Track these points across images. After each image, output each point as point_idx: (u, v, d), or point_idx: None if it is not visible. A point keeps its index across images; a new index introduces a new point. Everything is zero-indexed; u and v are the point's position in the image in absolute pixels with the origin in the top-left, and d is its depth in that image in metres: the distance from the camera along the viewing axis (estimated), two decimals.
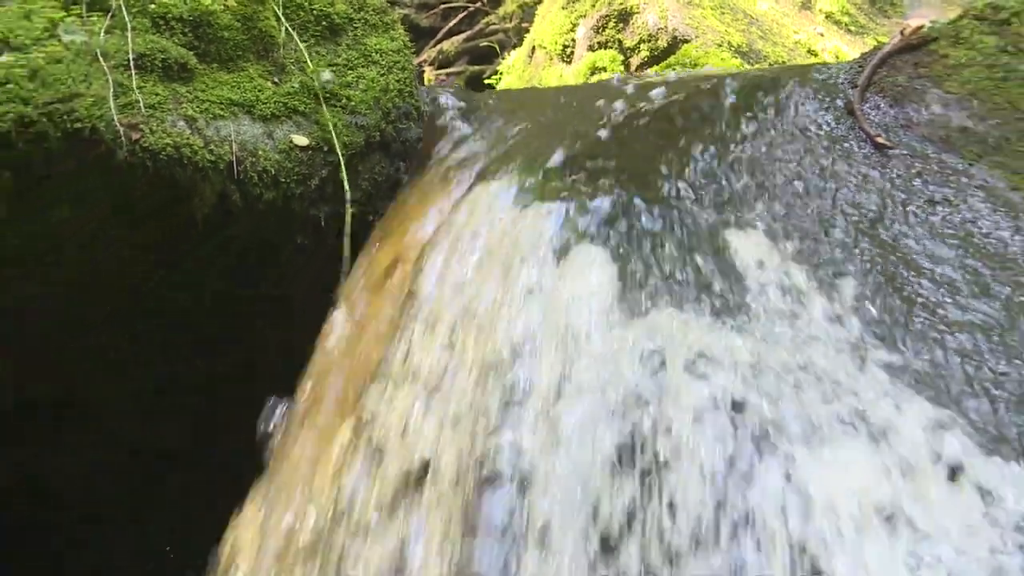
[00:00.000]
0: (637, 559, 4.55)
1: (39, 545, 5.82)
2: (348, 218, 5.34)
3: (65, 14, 5.20)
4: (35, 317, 5.33)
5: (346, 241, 5.30)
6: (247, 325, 5.44)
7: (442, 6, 8.15)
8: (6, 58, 5.06)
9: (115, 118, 5.02)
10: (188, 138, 5.15)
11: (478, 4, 8.15)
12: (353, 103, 5.43)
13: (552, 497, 4.70)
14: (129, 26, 5.21)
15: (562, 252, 5.06)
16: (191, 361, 5.50)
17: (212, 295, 5.36)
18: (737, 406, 4.73)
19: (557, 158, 5.51)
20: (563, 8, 6.99)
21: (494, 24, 7.99)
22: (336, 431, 5.12)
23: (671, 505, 4.59)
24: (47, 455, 5.64)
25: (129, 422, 5.61)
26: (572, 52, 6.87)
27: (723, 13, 6.46)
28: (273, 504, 5.17)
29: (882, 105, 5.56)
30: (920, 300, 5.09)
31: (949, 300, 5.12)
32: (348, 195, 5.35)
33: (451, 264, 5.16)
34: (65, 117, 5.02)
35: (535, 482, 4.76)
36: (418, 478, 4.83)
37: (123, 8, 5.23)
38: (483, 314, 4.97)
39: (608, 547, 4.60)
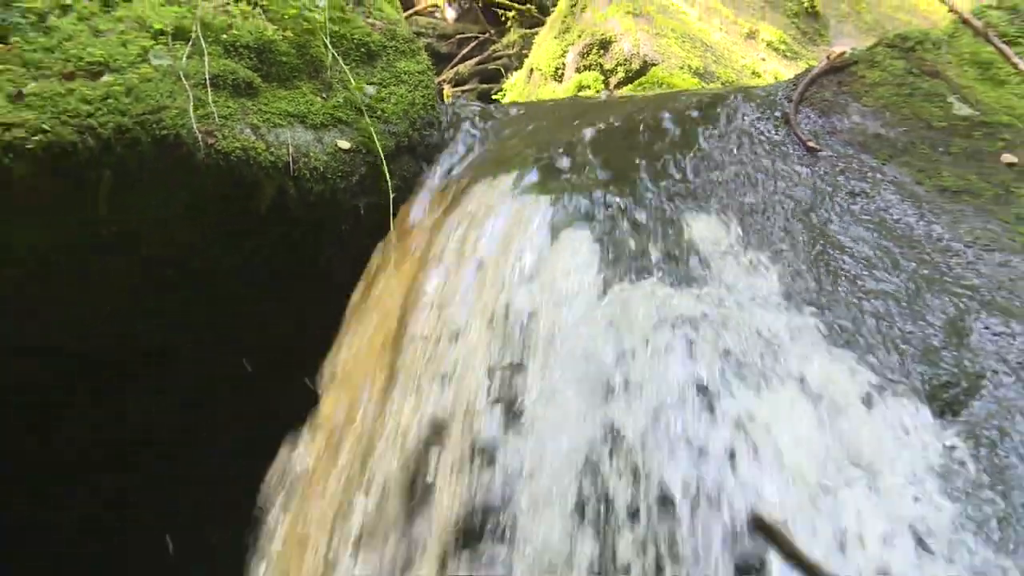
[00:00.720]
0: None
1: (153, 456, 5.80)
2: (390, 201, 5.35)
3: (154, 42, 5.20)
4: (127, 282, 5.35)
5: (390, 216, 5.32)
6: (299, 290, 5.45)
7: (457, 36, 8.17)
8: (107, 78, 5.10)
9: (194, 126, 5.05)
10: (253, 142, 5.20)
11: (487, 35, 8.14)
12: (387, 114, 5.47)
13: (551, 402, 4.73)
14: (205, 52, 5.24)
15: (554, 230, 5.10)
16: (258, 316, 5.51)
17: (271, 271, 5.37)
18: (684, 349, 4.75)
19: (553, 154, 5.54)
20: (555, 38, 7.00)
21: (500, 51, 8.00)
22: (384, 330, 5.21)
23: (638, 386, 4.68)
24: (152, 387, 5.65)
25: (208, 359, 5.63)
26: (563, 73, 6.88)
27: (684, 42, 6.48)
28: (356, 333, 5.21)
29: (812, 116, 5.60)
30: (843, 273, 5.12)
31: (866, 273, 5.14)
32: (390, 183, 5.36)
33: (466, 231, 5.21)
34: (154, 126, 5.08)
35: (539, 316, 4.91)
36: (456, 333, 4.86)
37: (200, 38, 5.24)
38: (490, 274, 5.01)
39: (607, 399, 4.67)
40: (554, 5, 8.64)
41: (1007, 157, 5.49)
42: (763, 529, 3.39)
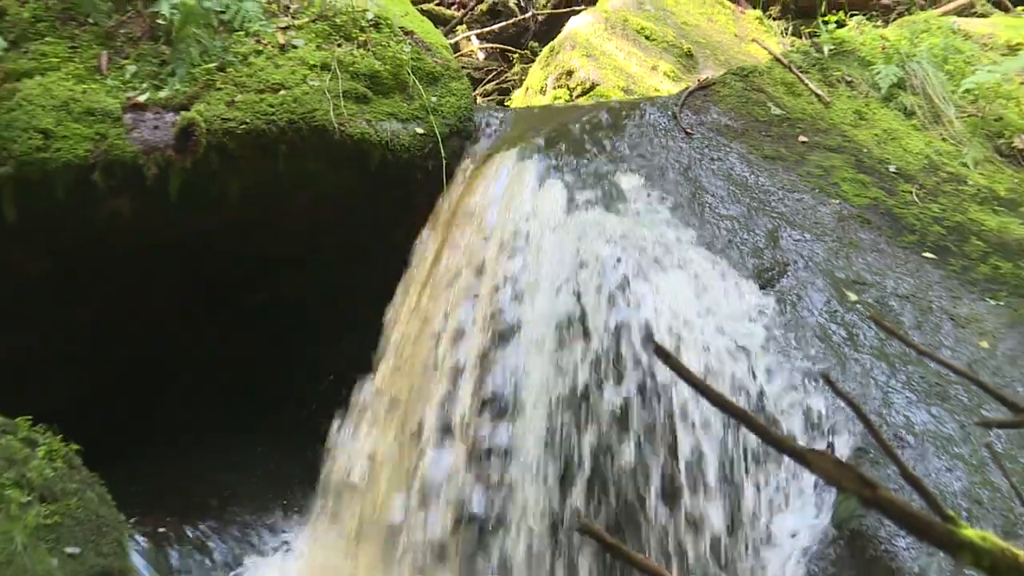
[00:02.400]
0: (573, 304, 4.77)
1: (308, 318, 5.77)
2: (444, 170, 5.41)
3: (310, 72, 5.15)
4: (281, 222, 5.48)
5: (443, 174, 5.36)
6: (394, 210, 5.49)
7: (485, 68, 8.17)
8: (283, 92, 5.07)
9: (333, 120, 5.05)
10: (366, 129, 5.20)
11: (502, 68, 8.17)
12: (443, 113, 5.46)
13: (533, 289, 4.91)
14: (339, 78, 5.21)
15: (539, 180, 5.22)
16: (373, 222, 5.53)
17: (381, 201, 5.44)
18: (616, 251, 4.88)
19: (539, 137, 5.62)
20: (541, 69, 7.02)
21: (509, 77, 8.01)
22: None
23: (588, 269, 4.84)
24: (287, 283, 5.66)
25: (323, 266, 5.67)
26: (545, 90, 6.91)
27: (615, 71, 6.49)
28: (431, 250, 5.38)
29: (689, 114, 5.61)
30: (706, 205, 5.14)
31: (720, 205, 5.18)
32: (444, 161, 5.43)
33: (491, 187, 5.33)
34: (310, 119, 5.06)
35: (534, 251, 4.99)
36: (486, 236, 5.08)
37: (336, 69, 5.26)
38: (506, 208, 5.15)
39: (569, 277, 4.85)
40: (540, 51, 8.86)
41: (801, 138, 5.59)
42: (659, 351, 3.54)
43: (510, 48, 8.41)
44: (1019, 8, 7.71)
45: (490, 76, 7.97)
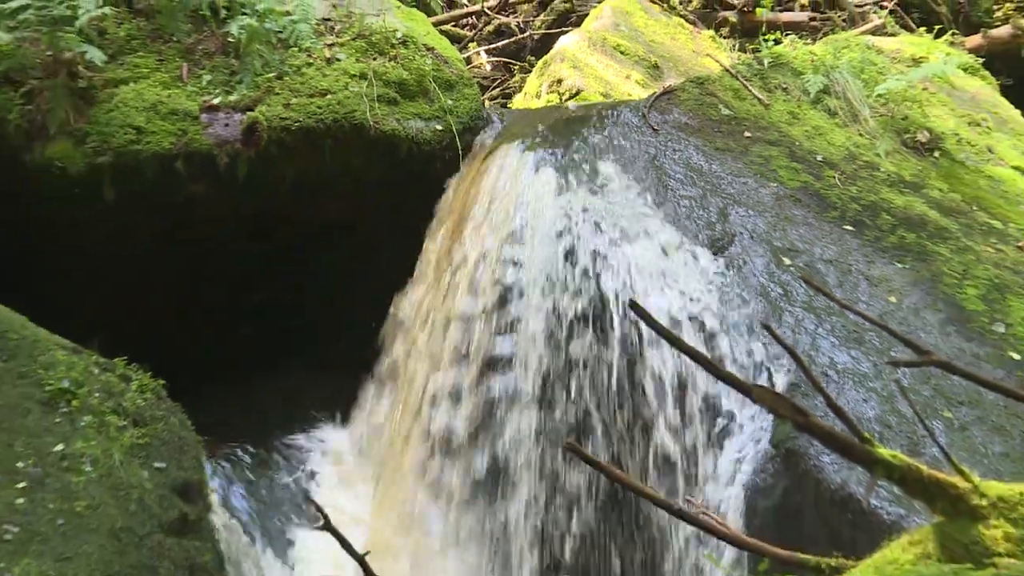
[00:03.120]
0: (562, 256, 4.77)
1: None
2: (460, 159, 5.38)
3: (351, 80, 5.11)
4: (325, 200, 5.35)
5: (459, 161, 5.33)
6: (417, 190, 5.42)
7: (491, 78, 8.15)
8: (328, 97, 5.04)
9: (370, 119, 5.04)
10: (396, 126, 5.18)
11: (505, 77, 8.13)
12: (458, 113, 5.38)
13: (530, 257, 4.89)
14: (374, 85, 5.19)
15: (536, 167, 5.21)
16: (399, 199, 5.45)
17: (407, 182, 5.41)
18: (596, 223, 4.87)
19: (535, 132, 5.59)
20: (536, 78, 6.95)
21: (511, 85, 8.00)
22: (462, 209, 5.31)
23: (574, 235, 4.81)
24: (340, 244, 5.60)
25: (371, 234, 5.62)
26: (540, 95, 6.88)
27: (596, 80, 6.43)
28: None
29: (656, 114, 5.49)
30: (669, 187, 5.03)
31: (680, 187, 5.06)
32: (460, 152, 5.39)
33: (496, 173, 5.31)
34: (350, 119, 5.04)
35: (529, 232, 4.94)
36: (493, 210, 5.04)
37: (372, 78, 5.19)
38: (508, 189, 5.09)
39: (558, 239, 4.83)
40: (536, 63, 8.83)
41: (746, 133, 5.54)
42: (633, 306, 3.54)
43: (511, 61, 8.36)
44: (921, 29, 7.75)
45: (495, 84, 7.95)
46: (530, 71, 7.76)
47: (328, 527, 2.15)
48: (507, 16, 8.54)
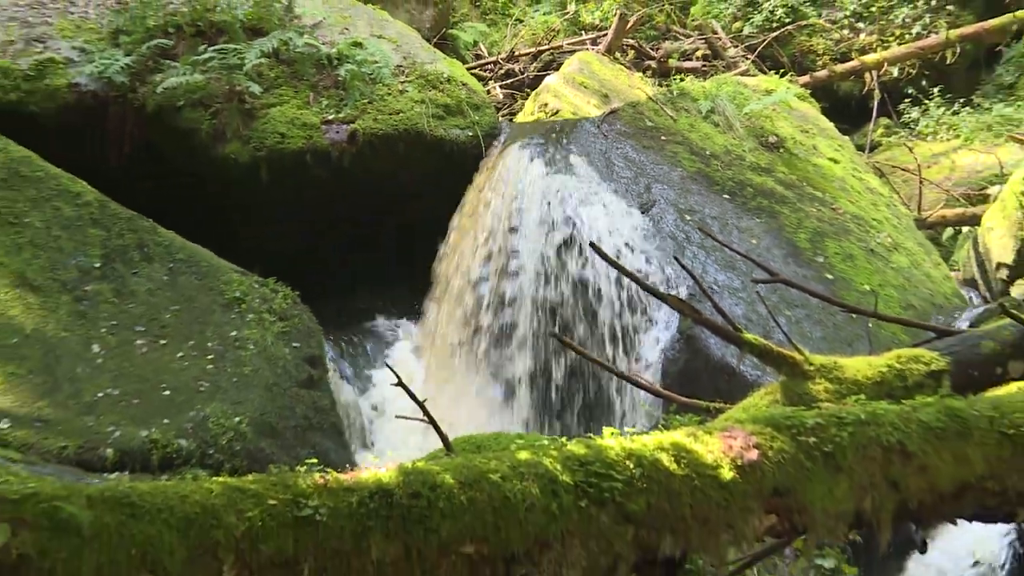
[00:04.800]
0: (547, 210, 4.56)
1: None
2: (483, 154, 5.16)
3: (415, 104, 4.98)
4: (401, 179, 5.06)
5: (483, 156, 5.13)
6: (457, 175, 5.19)
7: (503, 101, 7.89)
8: (401, 115, 4.91)
9: (427, 128, 4.90)
10: (444, 133, 5.02)
11: (512, 102, 7.89)
12: (482, 125, 5.22)
13: (528, 211, 4.69)
14: (430, 106, 4.98)
15: (531, 159, 5.01)
16: (444, 183, 5.20)
17: (451, 171, 5.14)
18: (569, 193, 4.69)
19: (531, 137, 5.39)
20: (531, 103, 6.75)
21: (515, 108, 7.78)
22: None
23: (554, 205, 4.59)
24: (410, 207, 5.45)
25: (429, 200, 5.44)
26: (533, 113, 6.68)
27: (569, 104, 6.19)
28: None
29: (606, 125, 5.32)
30: (614, 171, 4.89)
31: (621, 171, 4.89)
32: (483, 149, 5.19)
33: (506, 162, 5.12)
34: (415, 127, 4.86)
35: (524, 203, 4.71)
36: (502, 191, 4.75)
37: (428, 103, 5.05)
38: (513, 172, 4.93)
39: (545, 207, 4.59)
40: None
41: (662, 137, 5.31)
42: (593, 247, 3.42)
43: (516, 91, 8.11)
44: (772, 72, 7.61)
45: (505, 107, 7.71)
46: (527, 98, 7.56)
47: (400, 383, 2.00)
48: (513, 64, 8.33)
